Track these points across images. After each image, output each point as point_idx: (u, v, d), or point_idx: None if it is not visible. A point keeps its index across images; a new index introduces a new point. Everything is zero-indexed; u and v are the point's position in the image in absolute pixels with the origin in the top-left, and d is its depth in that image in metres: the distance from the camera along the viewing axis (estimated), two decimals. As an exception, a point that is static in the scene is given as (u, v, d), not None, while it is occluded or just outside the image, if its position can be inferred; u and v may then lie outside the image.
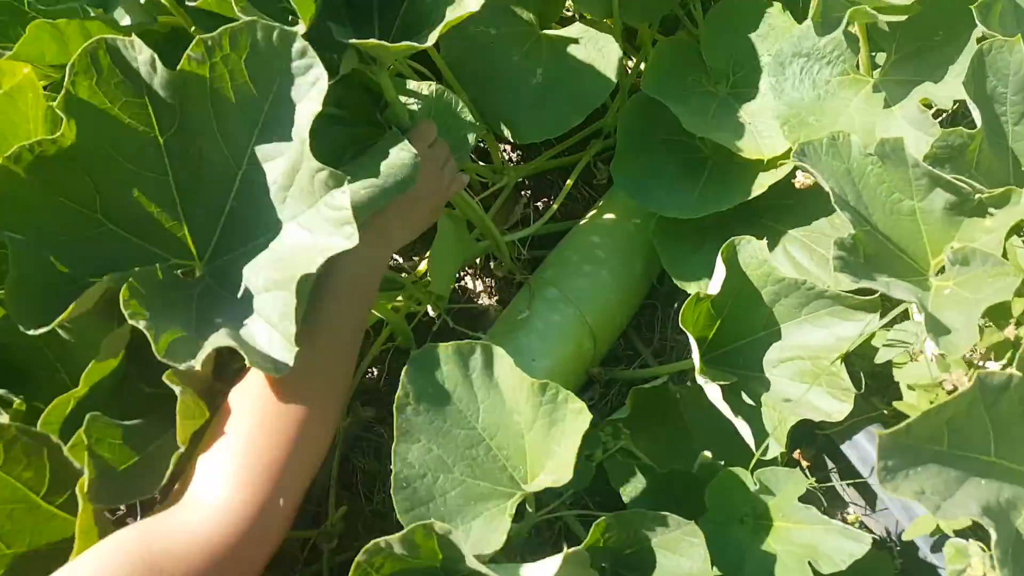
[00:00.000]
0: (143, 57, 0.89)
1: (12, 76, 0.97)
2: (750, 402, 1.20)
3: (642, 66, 1.68)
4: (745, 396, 1.21)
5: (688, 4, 1.52)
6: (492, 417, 1.03)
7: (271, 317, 0.86)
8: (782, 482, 1.08)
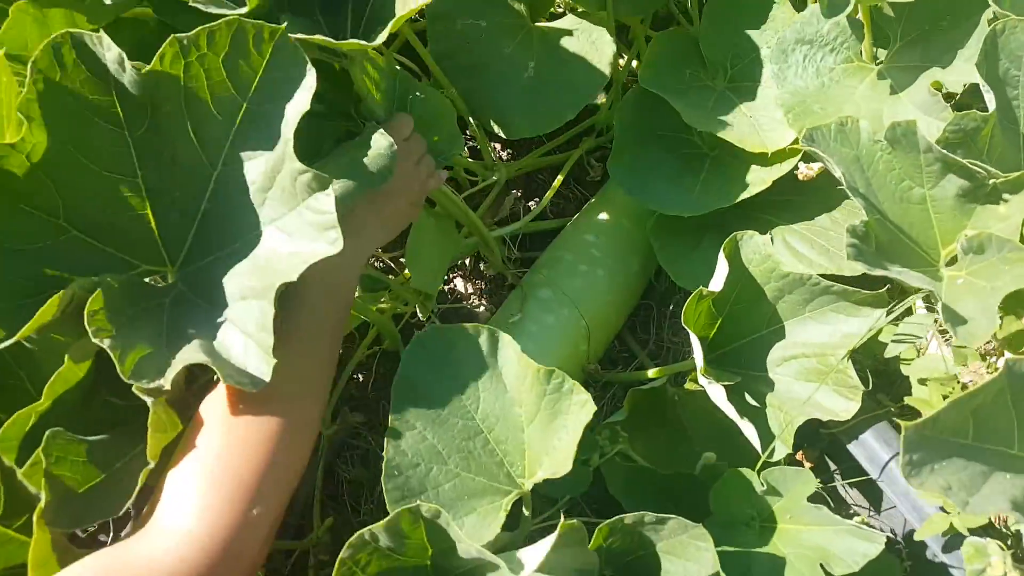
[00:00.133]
0: (111, 54, 0.83)
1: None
2: (754, 403, 1.17)
3: (634, 64, 1.66)
4: (748, 397, 1.18)
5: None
6: (492, 408, 1.00)
7: (247, 327, 0.81)
8: (790, 482, 1.05)
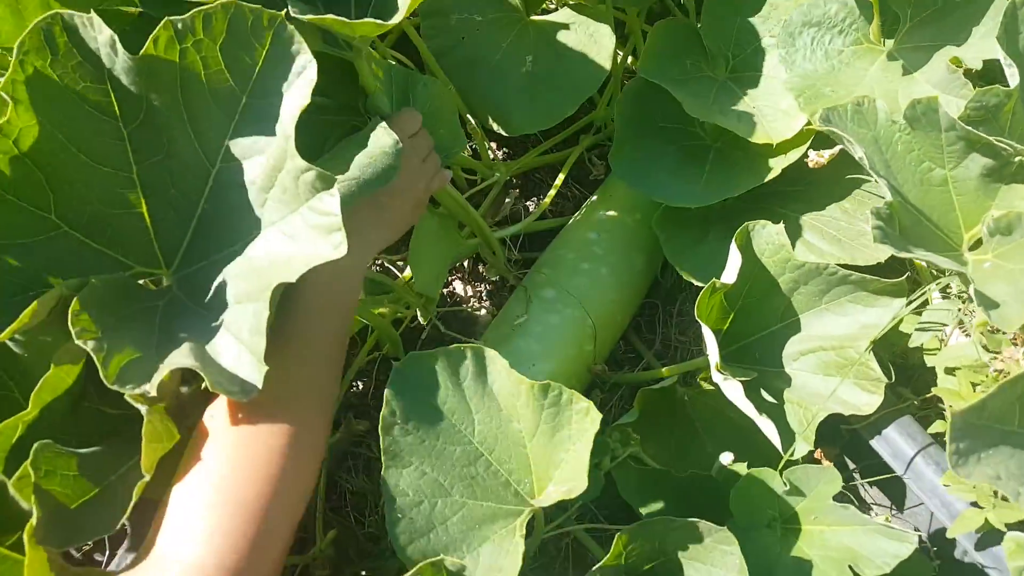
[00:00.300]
0: (103, 37, 0.79)
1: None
2: (771, 399, 1.13)
3: (629, 60, 1.63)
4: (765, 393, 1.13)
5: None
6: (489, 428, 0.95)
7: (240, 332, 0.77)
8: (814, 481, 1.01)
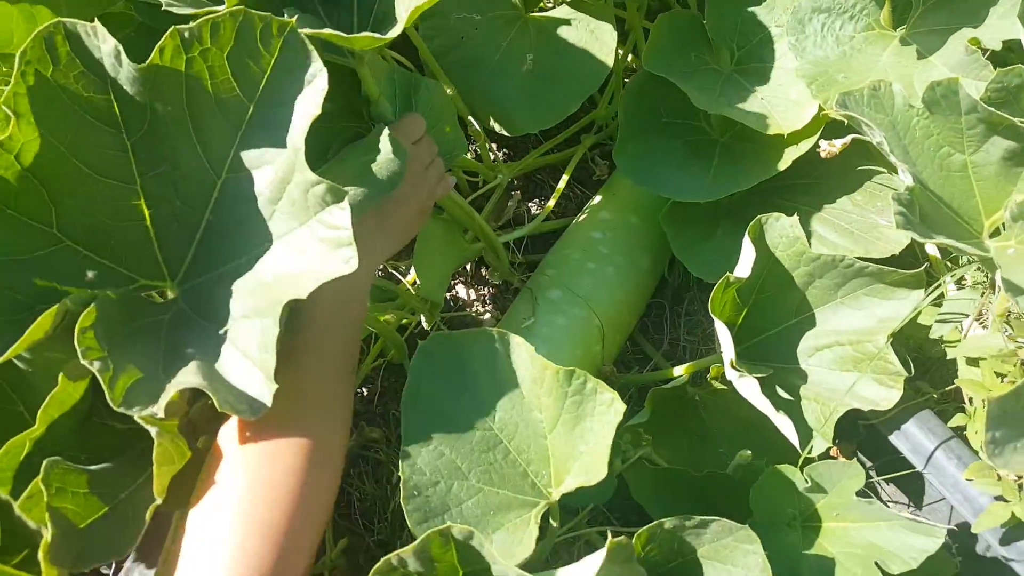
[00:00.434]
0: (107, 47, 0.78)
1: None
2: (787, 396, 1.11)
3: (630, 58, 1.61)
4: (780, 390, 1.11)
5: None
6: (510, 415, 0.94)
7: (248, 349, 0.75)
8: (836, 477, 0.98)
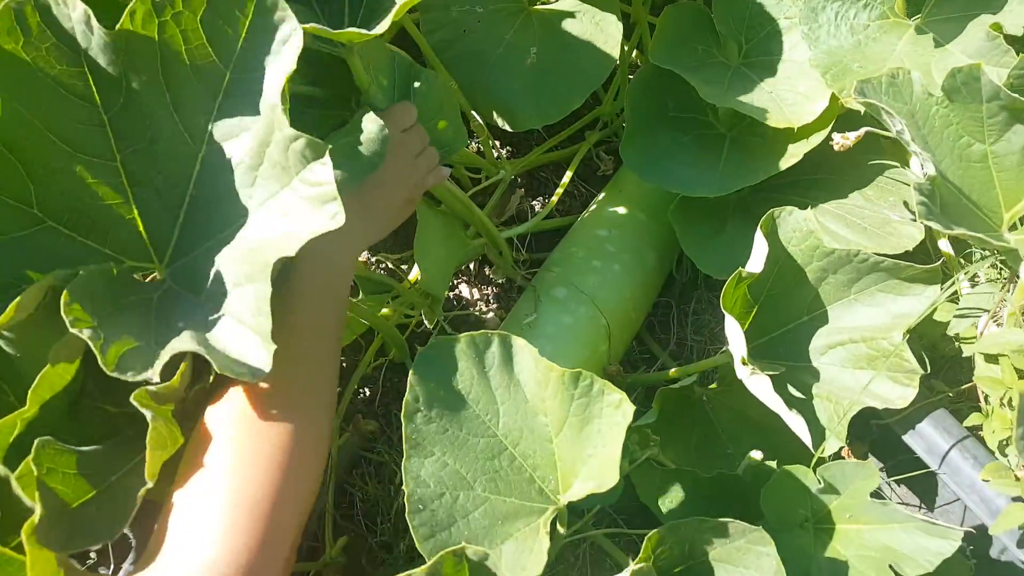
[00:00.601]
0: (77, 14, 0.75)
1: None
2: (798, 395, 1.08)
3: (635, 54, 1.59)
4: (792, 389, 1.09)
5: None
6: (514, 420, 0.91)
7: (243, 315, 0.73)
8: (849, 478, 0.96)
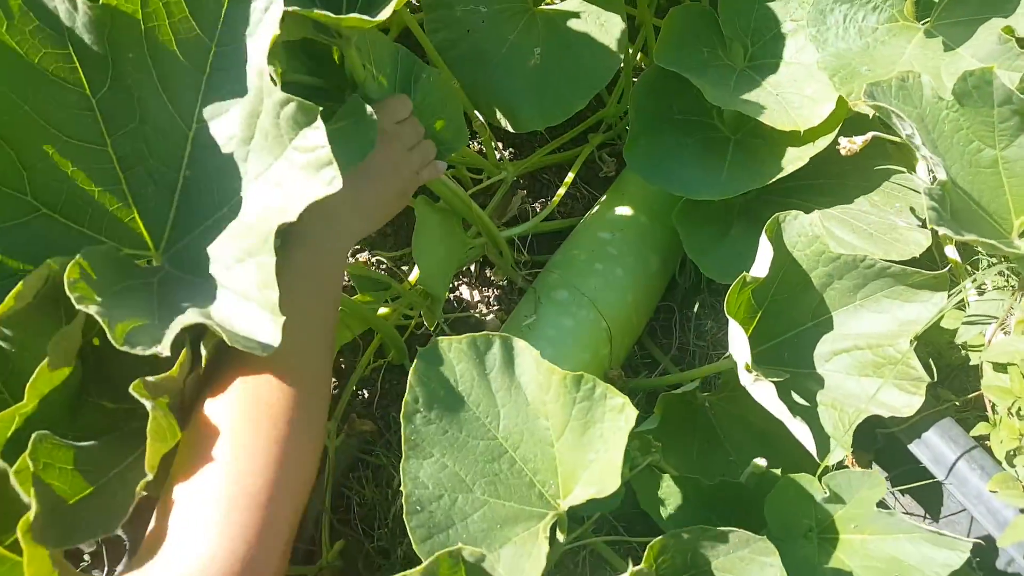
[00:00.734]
0: None
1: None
2: (803, 402, 1.06)
3: (639, 56, 1.57)
4: (796, 396, 1.07)
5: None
6: (515, 423, 0.89)
7: (248, 290, 0.73)
8: (855, 487, 0.94)
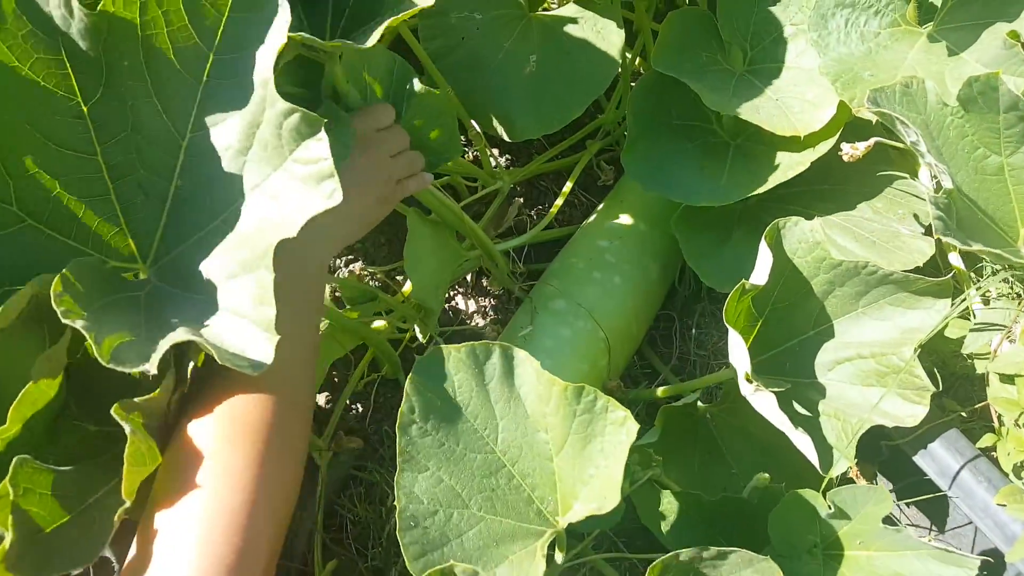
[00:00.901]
0: None
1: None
2: (804, 412, 1.04)
3: (637, 62, 1.56)
4: (797, 406, 1.05)
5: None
6: (513, 437, 0.87)
7: (241, 307, 0.71)
8: (861, 502, 0.91)
